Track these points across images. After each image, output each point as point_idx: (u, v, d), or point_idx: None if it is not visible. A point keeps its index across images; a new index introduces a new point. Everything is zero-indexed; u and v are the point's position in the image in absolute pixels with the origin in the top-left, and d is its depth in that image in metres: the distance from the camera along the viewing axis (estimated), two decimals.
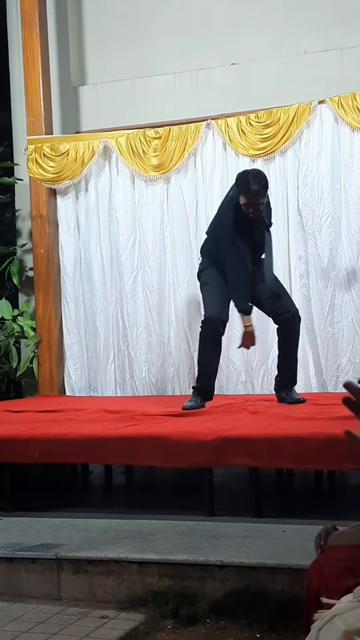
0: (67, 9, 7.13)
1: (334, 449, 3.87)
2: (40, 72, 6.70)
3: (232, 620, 3.13)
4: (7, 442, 4.45)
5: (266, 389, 6.06)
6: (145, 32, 6.87)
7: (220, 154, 6.28)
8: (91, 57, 7.14)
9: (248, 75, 6.53)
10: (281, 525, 3.78)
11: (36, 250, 6.80)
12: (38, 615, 3.31)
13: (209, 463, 4.10)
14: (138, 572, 3.42)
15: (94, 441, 4.34)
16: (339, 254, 5.97)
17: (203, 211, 6.32)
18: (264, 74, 6.46)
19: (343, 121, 5.88)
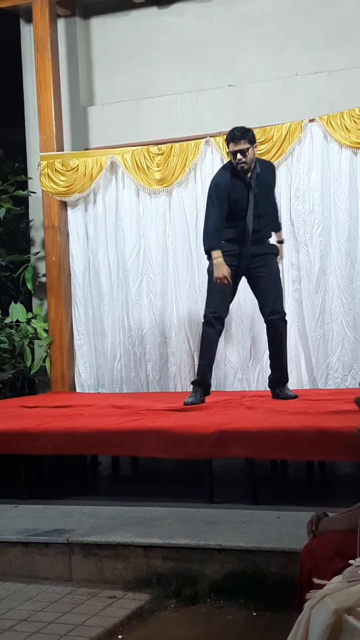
0: (77, 35, 7.14)
1: (325, 440, 3.87)
2: (52, 94, 6.71)
3: (231, 599, 3.12)
4: (22, 435, 4.45)
5: (261, 386, 6.06)
6: (149, 56, 6.88)
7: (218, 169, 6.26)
8: (99, 79, 7.15)
9: (244, 95, 6.53)
10: (276, 512, 3.77)
11: (48, 258, 6.80)
12: (51, 596, 3.30)
13: (208, 454, 4.10)
14: (143, 555, 3.42)
15: (102, 434, 4.34)
16: (329, 261, 5.98)
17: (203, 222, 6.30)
18: (259, 95, 6.46)
19: (332, 138, 5.89)
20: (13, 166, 7.49)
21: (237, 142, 4.91)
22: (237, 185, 5.01)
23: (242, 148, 4.90)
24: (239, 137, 4.92)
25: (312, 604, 1.88)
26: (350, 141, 5.81)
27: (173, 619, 3.06)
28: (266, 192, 5.12)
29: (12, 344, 6.85)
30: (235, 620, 3.00)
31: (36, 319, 6.98)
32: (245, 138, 4.92)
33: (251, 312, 6.15)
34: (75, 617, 3.05)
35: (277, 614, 2.96)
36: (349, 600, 1.84)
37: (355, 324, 5.89)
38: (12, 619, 3.05)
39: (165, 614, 3.10)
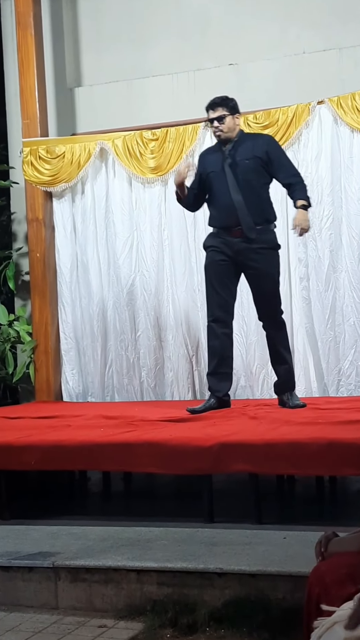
0: (63, 10, 7.14)
1: (335, 454, 3.88)
2: (36, 74, 6.70)
3: (233, 628, 3.13)
4: (4, 449, 4.45)
5: (266, 394, 6.06)
6: (142, 33, 6.88)
7: None
8: (87, 57, 7.14)
9: (246, 75, 6.54)
10: (282, 531, 3.78)
11: (32, 254, 6.80)
12: (35, 625, 3.31)
13: (208, 469, 4.11)
14: (137, 580, 3.42)
15: (91, 448, 4.35)
16: (340, 256, 5.98)
17: (202, 214, 6.28)
18: (262, 75, 6.46)
19: (342, 122, 5.89)
20: None
21: (215, 109, 5.03)
22: (214, 157, 5.12)
23: (220, 115, 5.00)
24: (218, 103, 5.04)
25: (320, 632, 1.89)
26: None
27: None
28: (253, 164, 5.05)
29: None
30: None
31: (19, 321, 6.98)
32: (224, 105, 5.02)
33: (254, 313, 6.15)
34: None
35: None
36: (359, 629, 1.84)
37: None
38: None
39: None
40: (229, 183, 5.00)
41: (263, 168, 5.08)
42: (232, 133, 5.06)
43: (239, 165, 5.03)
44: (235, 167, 5.02)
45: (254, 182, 5.06)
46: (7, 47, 7.27)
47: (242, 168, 5.03)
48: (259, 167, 5.07)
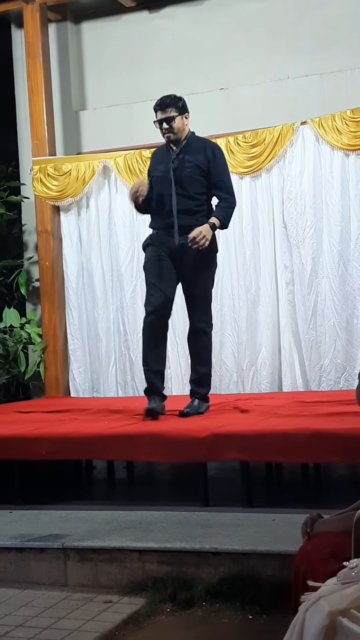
0: (68, 40, 7.14)
1: (319, 443, 3.87)
2: (44, 98, 6.71)
3: (226, 603, 3.12)
4: (17, 440, 4.44)
5: (255, 388, 6.08)
6: (140, 60, 6.88)
7: None
8: (91, 83, 7.15)
9: (235, 99, 6.54)
10: (271, 514, 3.77)
11: (42, 262, 6.79)
12: (46, 601, 3.29)
13: (203, 458, 4.10)
14: (139, 559, 3.41)
15: (96, 439, 4.33)
16: (321, 263, 5.98)
17: None
18: (250, 98, 6.47)
19: (324, 140, 5.89)
20: (6, 171, 7.48)
21: (165, 109, 4.59)
22: (160, 158, 4.72)
23: (168, 116, 4.57)
24: (167, 104, 4.59)
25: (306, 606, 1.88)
26: (342, 143, 5.82)
27: (169, 623, 3.05)
28: (192, 169, 4.60)
29: (5, 349, 6.83)
30: (231, 624, 3.00)
31: (30, 324, 6.97)
32: (173, 106, 4.59)
33: (245, 313, 6.15)
34: (71, 622, 3.04)
35: (273, 617, 2.96)
36: (343, 602, 1.83)
37: (348, 326, 5.90)
38: (7, 625, 3.04)
39: (161, 618, 3.09)
40: (172, 189, 4.58)
41: (203, 177, 4.64)
42: (181, 134, 4.65)
43: (179, 170, 4.59)
44: (180, 172, 4.59)
45: (195, 188, 4.62)
46: (18, 75, 7.27)
47: (186, 175, 4.59)
48: (202, 175, 4.64)
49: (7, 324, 6.98)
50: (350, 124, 5.78)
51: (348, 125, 5.78)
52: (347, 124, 5.79)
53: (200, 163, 4.64)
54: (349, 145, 5.81)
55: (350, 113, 5.78)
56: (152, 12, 6.90)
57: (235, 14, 6.59)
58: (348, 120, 5.78)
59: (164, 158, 4.72)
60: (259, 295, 6.15)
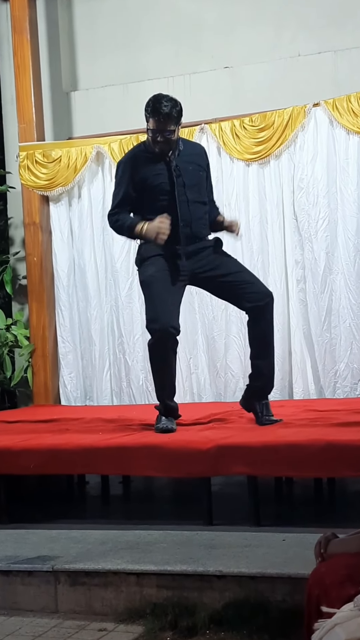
0: (58, 14, 7.14)
1: (334, 455, 3.88)
2: (32, 78, 6.70)
3: (232, 631, 3.12)
4: (2, 453, 4.45)
5: None
6: (137, 37, 6.89)
7: (214, 159, 6.27)
8: (83, 62, 7.15)
9: (241, 78, 6.54)
10: (281, 534, 3.78)
11: (29, 258, 6.80)
12: (35, 629, 3.30)
13: (206, 472, 4.10)
14: (136, 583, 3.42)
15: (89, 452, 4.34)
16: (336, 258, 5.98)
17: None
18: (258, 77, 6.47)
19: (338, 124, 5.89)
20: None
21: (167, 122, 4.43)
22: (150, 164, 4.54)
23: (170, 129, 4.45)
24: (173, 117, 4.44)
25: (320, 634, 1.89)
26: (359, 126, 5.82)
27: None
28: (196, 174, 4.61)
29: None
30: None
31: (16, 325, 6.97)
32: (179, 119, 4.48)
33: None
34: None
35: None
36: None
37: None
38: None
39: None
40: (177, 196, 4.51)
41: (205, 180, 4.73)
42: (173, 146, 4.55)
43: (184, 177, 4.55)
44: (179, 179, 4.54)
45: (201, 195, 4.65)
46: (3, 52, 7.27)
47: (190, 180, 4.57)
48: (203, 177, 4.70)
49: None
50: None
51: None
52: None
53: (201, 163, 4.73)
54: None
55: None
56: None
57: None
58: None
59: (154, 164, 4.56)
60: None
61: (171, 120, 4.45)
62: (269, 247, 6.16)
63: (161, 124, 4.45)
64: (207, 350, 6.33)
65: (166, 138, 4.47)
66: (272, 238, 6.15)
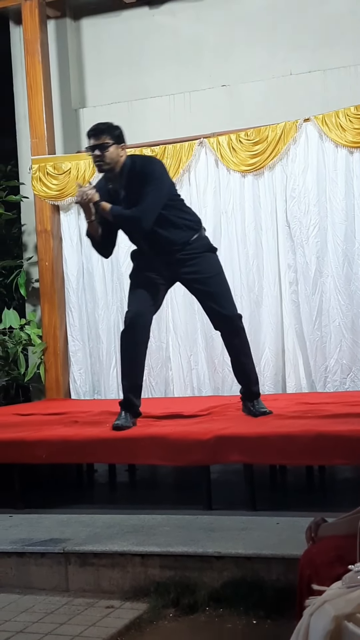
0: (67, 37, 7.14)
1: (324, 445, 3.87)
2: (43, 96, 6.71)
3: (230, 608, 3.12)
4: (17, 444, 4.44)
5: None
6: (141, 57, 6.89)
7: (212, 170, 6.29)
8: (90, 81, 7.15)
9: (238, 95, 6.55)
10: (275, 517, 3.77)
11: (41, 263, 6.80)
12: (47, 606, 3.30)
13: (206, 460, 4.10)
14: (141, 564, 3.41)
15: (97, 442, 4.33)
16: (326, 262, 5.98)
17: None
18: (253, 95, 6.47)
19: (327, 138, 5.90)
20: (5, 170, 7.49)
21: (98, 136, 4.25)
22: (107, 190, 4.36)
23: (103, 143, 4.23)
24: (102, 130, 4.26)
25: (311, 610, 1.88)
26: (346, 140, 5.82)
27: (172, 629, 3.06)
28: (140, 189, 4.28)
29: (5, 350, 6.84)
30: (235, 629, 3.00)
31: (30, 325, 6.98)
32: (109, 133, 4.26)
33: (248, 314, 6.15)
34: (73, 628, 3.05)
35: (278, 622, 2.96)
36: (348, 607, 1.84)
37: (354, 326, 5.90)
38: (7, 631, 3.04)
39: (164, 624, 3.09)
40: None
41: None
42: (114, 164, 4.29)
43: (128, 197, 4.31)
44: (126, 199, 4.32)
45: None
46: (16, 73, 7.28)
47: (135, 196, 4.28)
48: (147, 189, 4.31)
49: (6, 325, 6.99)
50: (355, 121, 5.78)
51: (352, 122, 5.79)
52: (351, 121, 5.79)
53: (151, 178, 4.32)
54: (353, 143, 5.81)
55: (355, 110, 5.78)
56: (152, 8, 6.91)
57: (237, 9, 6.60)
58: (352, 117, 5.78)
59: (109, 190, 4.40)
60: (262, 295, 6.15)
61: (97, 134, 4.26)
62: (264, 252, 6.16)
63: (91, 140, 4.30)
64: (206, 347, 6.32)
65: (97, 154, 4.28)
66: (267, 244, 6.15)
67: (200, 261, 4.50)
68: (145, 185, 4.30)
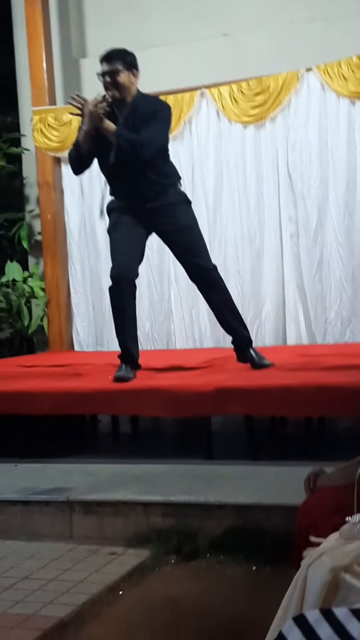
0: None
1: (323, 396, 3.88)
2: (43, 46, 6.57)
3: (231, 555, 3.15)
4: (21, 395, 4.46)
5: (259, 342, 6.04)
6: (141, 5, 6.71)
7: (213, 122, 6.19)
8: (91, 30, 6.98)
9: (239, 45, 6.38)
10: (274, 467, 3.80)
11: (43, 215, 6.74)
12: (52, 553, 3.33)
13: (206, 412, 4.11)
14: (143, 512, 3.44)
15: (100, 394, 4.34)
16: (327, 214, 5.92)
17: (199, 175, 6.26)
18: (254, 44, 6.31)
19: (329, 88, 5.79)
20: (6, 122, 7.37)
21: (110, 61, 4.18)
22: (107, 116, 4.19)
23: (114, 68, 4.16)
24: (114, 56, 4.19)
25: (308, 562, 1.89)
26: (348, 90, 5.71)
27: (173, 575, 3.10)
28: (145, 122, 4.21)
29: (9, 303, 6.82)
30: (235, 575, 3.04)
31: (32, 278, 6.94)
32: (121, 59, 4.19)
33: (249, 266, 6.11)
34: (76, 574, 3.09)
35: (277, 569, 2.99)
36: (345, 558, 1.85)
37: (354, 278, 5.86)
38: (13, 577, 3.09)
39: (165, 570, 3.14)
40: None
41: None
42: (126, 93, 4.21)
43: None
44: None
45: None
46: (16, 22, 7.10)
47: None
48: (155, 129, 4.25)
49: (9, 277, 6.96)
50: (357, 71, 5.66)
51: (354, 72, 5.67)
52: (353, 71, 5.67)
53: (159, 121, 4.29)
54: (355, 93, 5.70)
55: (357, 59, 5.66)
56: None
57: None
58: (354, 67, 5.67)
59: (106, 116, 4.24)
60: (263, 247, 6.10)
61: (110, 59, 4.22)
62: (265, 204, 6.09)
63: (102, 65, 4.26)
64: None
65: (108, 81, 4.23)
66: (268, 196, 6.08)
67: (175, 213, 4.46)
68: (152, 120, 4.23)
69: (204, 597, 2.88)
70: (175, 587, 2.99)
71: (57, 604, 2.82)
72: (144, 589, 2.99)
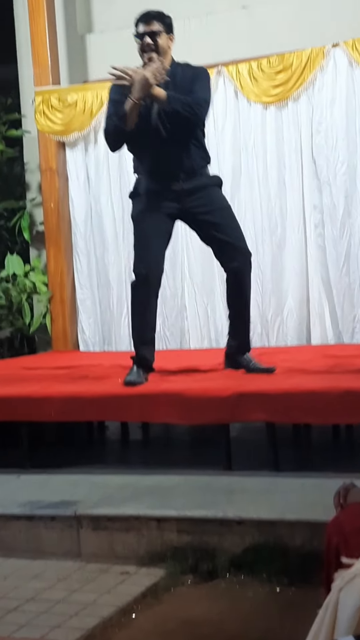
0: None
1: (352, 402, 3.88)
2: (46, 21, 6.56)
3: (252, 574, 3.17)
4: (24, 400, 4.48)
5: (281, 341, 6.07)
6: None
7: (231, 102, 6.19)
8: (98, 3, 6.98)
9: (258, 18, 6.37)
10: (299, 479, 3.81)
11: (46, 204, 6.76)
12: (59, 572, 3.36)
13: (225, 419, 4.12)
14: (157, 528, 3.46)
15: (109, 399, 4.36)
16: (355, 202, 5.91)
17: (215, 160, 6.19)
18: (275, 17, 6.29)
19: (358, 65, 5.77)
20: (5, 103, 7.39)
21: (149, 22, 4.26)
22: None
23: (153, 30, 4.25)
24: (153, 16, 4.27)
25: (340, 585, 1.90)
26: None
27: (190, 596, 3.12)
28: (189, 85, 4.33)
29: (9, 299, 6.85)
30: (257, 597, 3.06)
31: (34, 272, 6.97)
32: (160, 20, 4.28)
33: (270, 259, 6.11)
34: (86, 595, 3.11)
35: (302, 590, 3.01)
36: None
37: None
38: (18, 599, 3.11)
39: (182, 591, 3.16)
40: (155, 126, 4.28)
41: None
42: (164, 57, 4.29)
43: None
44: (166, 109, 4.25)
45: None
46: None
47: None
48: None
49: (9, 271, 6.99)
50: None
51: None
52: None
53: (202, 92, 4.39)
54: None
55: None
56: None
57: None
58: None
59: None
60: (285, 238, 6.10)
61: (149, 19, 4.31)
62: (287, 192, 6.09)
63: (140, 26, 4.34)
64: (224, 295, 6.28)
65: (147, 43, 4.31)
66: (290, 182, 6.07)
67: (206, 194, 4.50)
68: (195, 83, 4.34)
69: (223, 621, 2.90)
70: (192, 610, 3.00)
71: (66, 627, 2.84)
72: (158, 612, 3.01)
